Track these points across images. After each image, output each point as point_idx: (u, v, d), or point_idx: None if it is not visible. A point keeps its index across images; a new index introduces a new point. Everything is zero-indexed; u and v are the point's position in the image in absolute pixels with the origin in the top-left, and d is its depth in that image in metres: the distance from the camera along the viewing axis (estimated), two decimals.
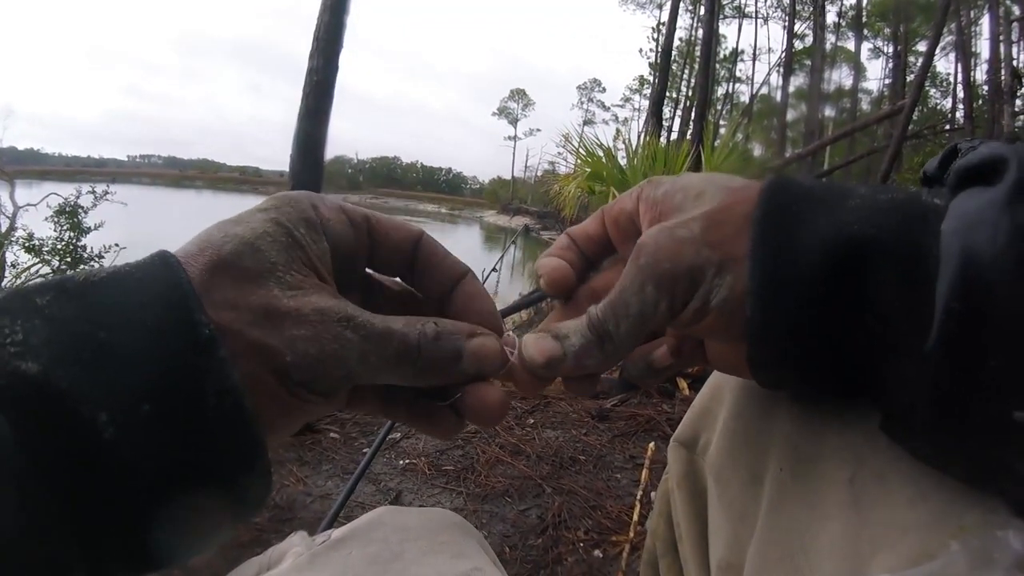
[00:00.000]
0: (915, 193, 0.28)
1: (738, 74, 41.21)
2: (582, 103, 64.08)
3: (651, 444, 2.01)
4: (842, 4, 31.80)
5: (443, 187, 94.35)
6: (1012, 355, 0.23)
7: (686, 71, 37.24)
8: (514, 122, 72.24)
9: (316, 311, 0.26)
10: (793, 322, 0.27)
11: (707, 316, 0.29)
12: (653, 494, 1.91)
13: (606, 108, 63.30)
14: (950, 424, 0.25)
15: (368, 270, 0.34)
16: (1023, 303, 0.22)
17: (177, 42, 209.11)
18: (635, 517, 1.80)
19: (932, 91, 25.85)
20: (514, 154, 71.18)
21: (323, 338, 0.26)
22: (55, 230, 5.20)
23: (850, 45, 32.15)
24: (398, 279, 0.35)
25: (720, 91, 39.27)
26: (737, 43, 40.77)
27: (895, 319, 0.25)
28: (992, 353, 0.23)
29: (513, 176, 71.21)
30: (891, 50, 30.37)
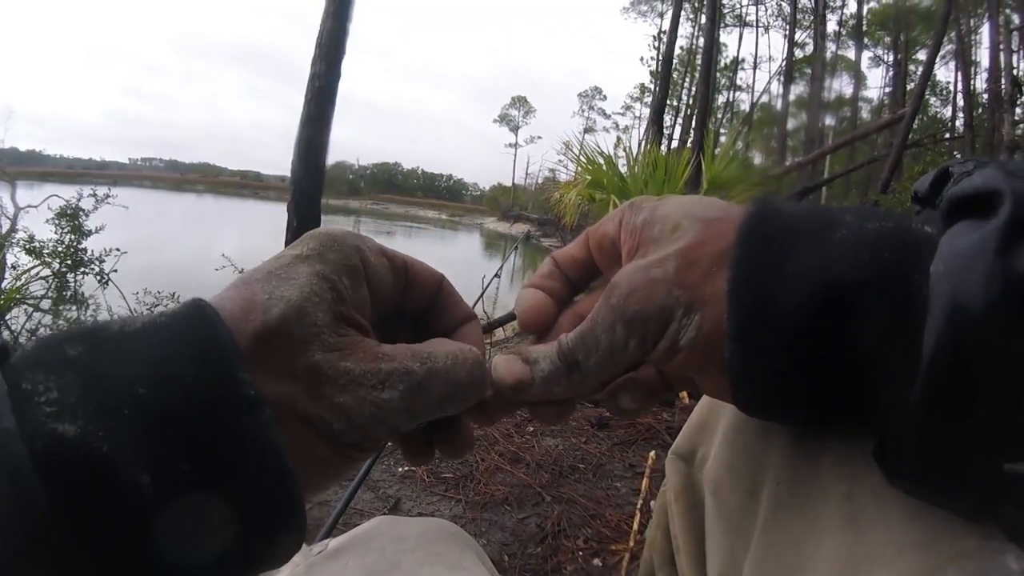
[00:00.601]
0: (904, 221, 0.27)
1: (739, 82, 41.35)
2: (583, 111, 64.27)
3: (651, 453, 2.00)
4: (842, 13, 31.97)
5: (444, 193, 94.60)
6: (1000, 409, 0.23)
7: (687, 79, 37.35)
8: (515, 129, 72.44)
9: (358, 377, 0.26)
10: (774, 366, 0.27)
11: (678, 354, 0.29)
12: (653, 503, 1.90)
13: (607, 116, 63.50)
14: (937, 472, 0.25)
15: None
16: (1013, 357, 0.22)
17: (177, 43, 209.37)
18: (635, 526, 1.80)
19: (932, 100, 25.92)
20: (515, 161, 71.38)
21: (365, 401, 0.26)
22: (56, 232, 5.19)
23: (850, 54, 32.29)
24: None
25: (721, 99, 39.39)
26: (738, 52, 40.95)
27: (881, 365, 0.25)
28: (979, 407, 0.23)
29: (514, 183, 71.34)
30: (891, 59, 30.47)
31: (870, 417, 0.27)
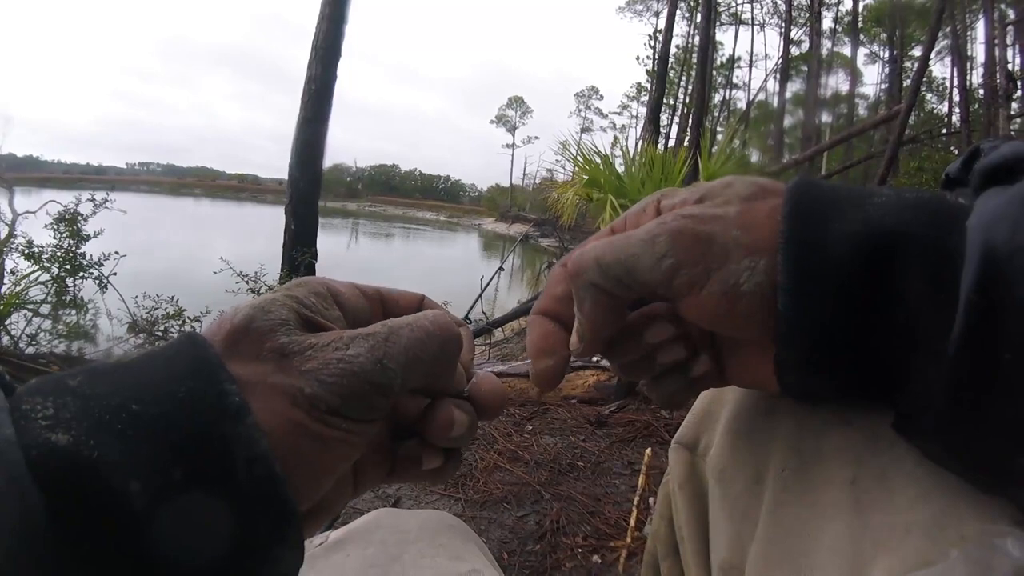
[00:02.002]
0: (940, 193, 0.28)
1: (735, 81, 41.35)
2: (580, 110, 64.24)
3: (648, 450, 2.01)
4: (838, 10, 32.00)
5: (442, 195, 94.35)
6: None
7: (683, 78, 37.33)
8: (512, 130, 72.40)
9: (324, 346, 0.27)
10: (824, 316, 0.27)
11: (740, 301, 0.28)
12: (651, 500, 1.91)
13: (604, 115, 63.48)
14: (965, 424, 0.25)
15: None
16: None
17: (161, 48, 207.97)
18: (633, 523, 1.80)
19: (928, 96, 25.92)
20: (512, 162, 71.33)
21: (332, 359, 0.27)
22: (55, 237, 5.20)
23: (846, 51, 32.33)
24: None
25: (717, 98, 39.39)
26: (734, 50, 41.10)
27: (923, 315, 0.26)
28: (1005, 348, 0.23)
29: (511, 183, 71.27)
30: (887, 55, 30.46)
31: (905, 377, 0.27)
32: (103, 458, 0.21)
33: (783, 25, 32.87)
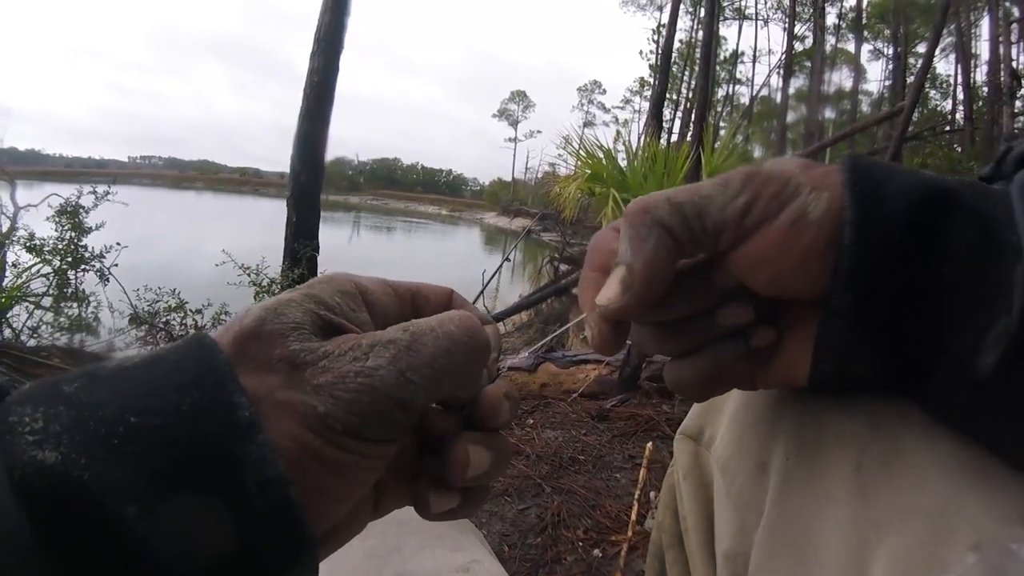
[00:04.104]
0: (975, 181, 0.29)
1: (738, 76, 41.26)
2: (582, 104, 64.15)
3: (649, 444, 2.01)
4: (842, 6, 31.85)
5: (444, 189, 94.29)
6: None
7: (686, 73, 37.26)
8: (514, 124, 72.29)
9: (339, 356, 0.24)
10: (885, 254, 0.27)
11: (807, 232, 0.28)
12: (652, 494, 1.91)
13: (606, 110, 63.38)
14: (1012, 395, 0.25)
15: None
16: None
17: (150, 38, 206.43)
18: (634, 517, 1.80)
19: (932, 93, 25.83)
20: (515, 156, 71.25)
21: (350, 373, 0.24)
22: (56, 230, 5.19)
23: (850, 47, 32.24)
24: None
25: (720, 93, 39.31)
26: (737, 45, 40.83)
27: (972, 273, 0.26)
28: None
29: (513, 178, 71.25)
30: (891, 52, 30.38)
31: (942, 351, 0.27)
32: (95, 478, 0.19)
33: (787, 20, 32.74)
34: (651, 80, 43.17)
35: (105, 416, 0.20)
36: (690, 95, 34.43)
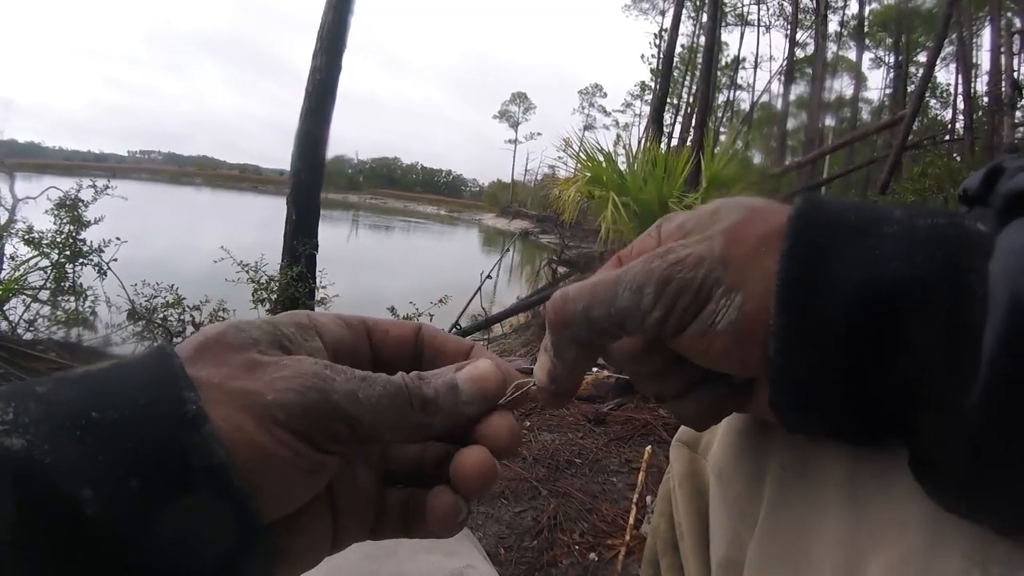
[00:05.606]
0: (957, 218, 0.26)
1: (739, 82, 41.29)
2: (583, 107, 64.20)
3: (647, 448, 2.01)
4: (844, 14, 31.94)
5: (443, 189, 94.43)
6: None
7: (688, 78, 37.29)
8: (515, 126, 72.33)
9: (296, 360, 0.27)
10: (818, 365, 0.26)
11: (717, 339, 0.28)
12: (649, 498, 1.91)
13: (607, 113, 63.46)
14: (986, 483, 0.24)
15: None
16: None
17: (147, 34, 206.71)
18: (631, 520, 1.80)
19: (932, 102, 25.89)
20: (514, 157, 71.37)
21: (303, 374, 0.26)
22: (55, 223, 5.17)
23: (851, 55, 32.30)
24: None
25: (721, 98, 39.34)
26: (739, 51, 40.87)
27: (934, 367, 0.24)
28: None
29: (513, 179, 71.28)
30: (892, 60, 30.45)
31: (913, 428, 0.26)
32: (56, 463, 0.21)
33: (788, 27, 32.83)
34: (652, 84, 43.25)
35: (71, 411, 0.22)
36: (691, 100, 34.49)
